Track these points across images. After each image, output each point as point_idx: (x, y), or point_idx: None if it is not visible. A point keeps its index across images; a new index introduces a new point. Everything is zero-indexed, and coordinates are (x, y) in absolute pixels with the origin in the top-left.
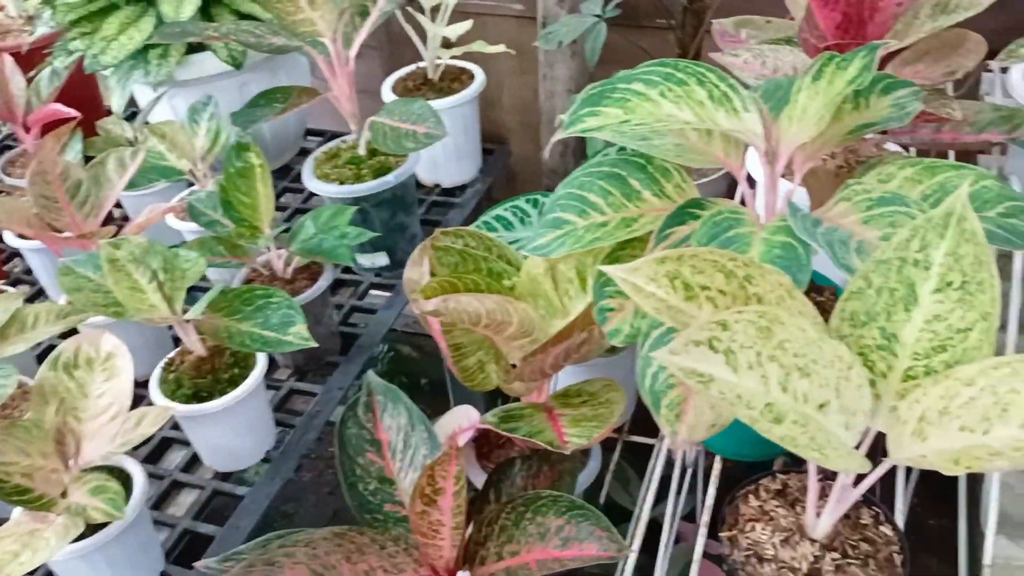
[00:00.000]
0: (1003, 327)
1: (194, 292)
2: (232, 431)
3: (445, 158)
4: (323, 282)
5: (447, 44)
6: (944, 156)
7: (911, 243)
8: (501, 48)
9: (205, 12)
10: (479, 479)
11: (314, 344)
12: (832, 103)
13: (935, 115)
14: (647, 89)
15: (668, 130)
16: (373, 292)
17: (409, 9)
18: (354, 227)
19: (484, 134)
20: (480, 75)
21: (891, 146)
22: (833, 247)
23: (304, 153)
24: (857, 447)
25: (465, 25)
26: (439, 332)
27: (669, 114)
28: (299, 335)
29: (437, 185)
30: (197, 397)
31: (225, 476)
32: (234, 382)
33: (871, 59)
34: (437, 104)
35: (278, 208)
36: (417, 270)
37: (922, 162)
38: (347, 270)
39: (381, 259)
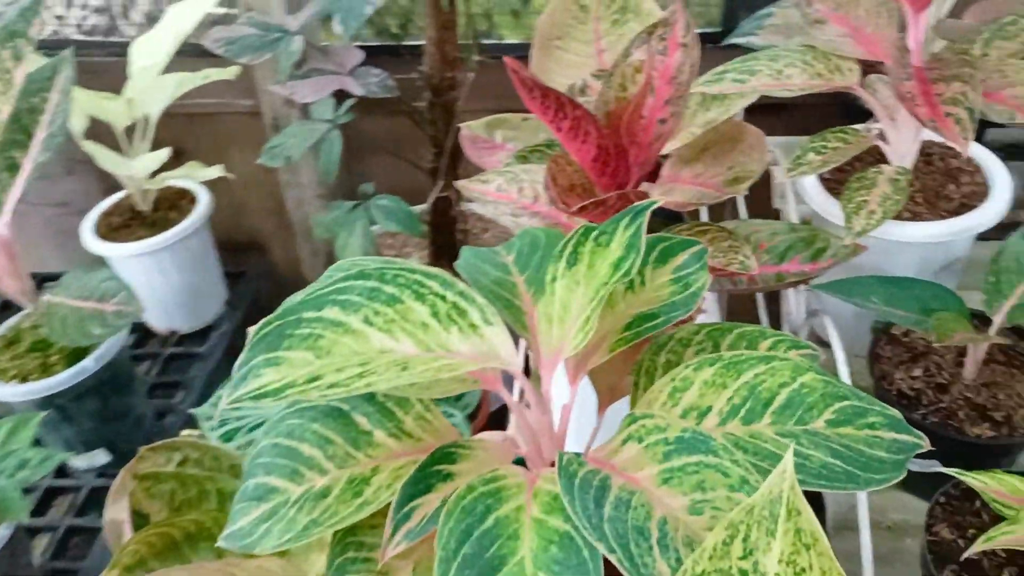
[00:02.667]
0: None
1: None
2: None
3: (176, 301)
4: None
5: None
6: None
7: (733, 546)
8: (217, 172)
9: None
10: None
11: None
12: (600, 297)
13: (725, 270)
14: (346, 316)
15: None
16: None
17: (87, 142)
18: (38, 449)
19: (236, 243)
20: (204, 197)
21: None
22: (628, 546)
23: None
24: None
25: (159, 156)
26: None
27: (382, 349)
28: None
29: (174, 332)
30: None
31: None
32: None
33: (638, 229)
34: (151, 243)
35: None
36: (118, 509)
37: (721, 358)
38: (60, 472)
39: (100, 457)
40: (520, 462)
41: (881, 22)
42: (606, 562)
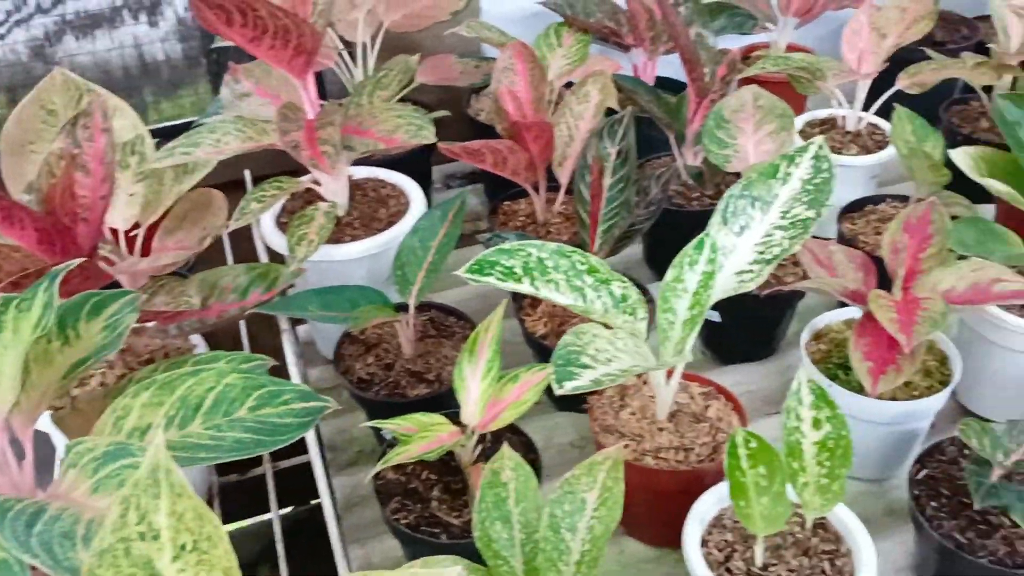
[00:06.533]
0: None
1: None
2: None
3: None
4: None
5: None
6: None
7: (128, 516)
8: None
9: None
10: None
11: None
12: (22, 356)
13: (173, 312)
14: None
15: None
16: None
17: None
18: None
19: None
20: None
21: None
22: (53, 550)
23: None
24: None
25: None
26: None
27: None
28: None
29: None
30: None
31: None
32: None
33: (52, 292)
34: None
35: None
36: None
37: (155, 381)
38: None
39: None
40: None
41: (290, 89)
42: None
